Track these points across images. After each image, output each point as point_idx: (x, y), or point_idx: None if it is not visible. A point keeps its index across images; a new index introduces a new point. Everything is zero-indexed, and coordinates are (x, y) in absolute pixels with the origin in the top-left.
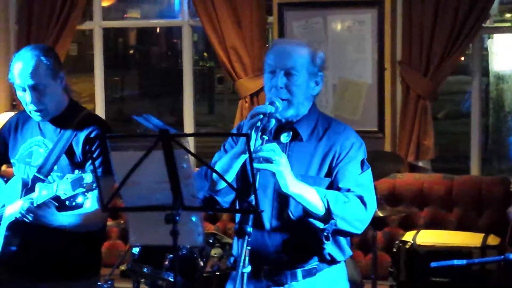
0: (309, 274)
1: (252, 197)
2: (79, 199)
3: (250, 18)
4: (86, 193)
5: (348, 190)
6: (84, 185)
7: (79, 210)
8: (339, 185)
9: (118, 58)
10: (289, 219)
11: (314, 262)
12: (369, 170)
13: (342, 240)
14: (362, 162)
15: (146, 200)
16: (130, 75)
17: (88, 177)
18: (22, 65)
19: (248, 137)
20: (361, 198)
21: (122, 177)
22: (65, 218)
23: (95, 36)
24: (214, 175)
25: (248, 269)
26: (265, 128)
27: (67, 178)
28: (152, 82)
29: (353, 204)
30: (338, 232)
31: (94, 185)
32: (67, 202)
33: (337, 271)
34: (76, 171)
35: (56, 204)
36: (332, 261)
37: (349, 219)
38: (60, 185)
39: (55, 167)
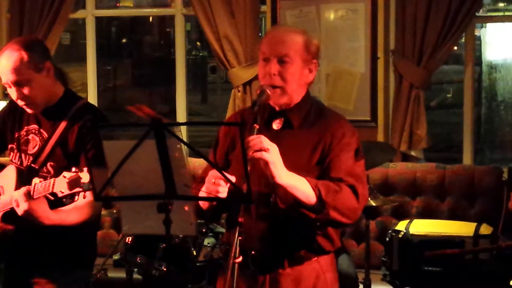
0: (296, 262)
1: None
2: (76, 198)
3: (243, 7)
4: (83, 193)
5: (340, 180)
6: (82, 184)
7: (72, 205)
8: (331, 175)
9: (111, 47)
10: (276, 207)
11: (301, 251)
12: (362, 160)
13: (331, 230)
14: (355, 152)
15: (138, 189)
16: (122, 64)
17: (85, 177)
18: (3, 62)
19: (241, 126)
20: (352, 188)
21: (114, 167)
22: (58, 216)
23: (88, 25)
24: None
25: (239, 259)
26: (256, 116)
27: (64, 177)
28: (145, 71)
29: (345, 194)
30: (330, 222)
31: (91, 185)
32: (63, 200)
33: (325, 261)
34: (74, 169)
35: (51, 199)
36: (320, 251)
37: (341, 209)
38: (57, 183)
39: (50, 158)
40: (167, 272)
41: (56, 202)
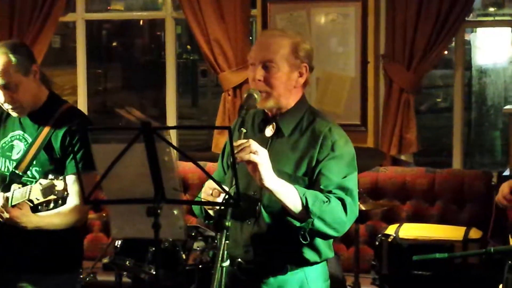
0: (279, 272)
1: (233, 189)
2: (51, 205)
3: (233, 11)
4: (58, 200)
5: (329, 192)
6: (56, 192)
7: (57, 209)
8: (320, 186)
9: (101, 51)
10: (262, 215)
11: (283, 261)
12: (354, 173)
13: (319, 241)
14: (348, 164)
15: (128, 193)
16: (113, 67)
17: (60, 184)
18: None
19: (230, 130)
20: (342, 201)
21: (103, 170)
22: (41, 220)
23: (78, 28)
24: None
25: (227, 263)
26: (244, 120)
27: (40, 184)
28: (135, 74)
29: (333, 206)
30: (315, 233)
31: (66, 192)
32: (39, 207)
33: (312, 272)
34: (50, 176)
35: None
36: (305, 263)
37: (327, 220)
38: (33, 190)
39: (34, 162)
40: (156, 275)
41: (36, 207)
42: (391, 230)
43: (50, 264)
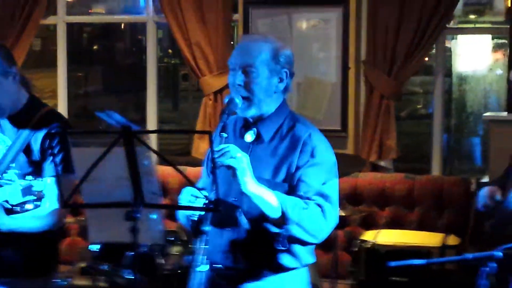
0: (257, 277)
1: (213, 194)
2: (29, 206)
3: (215, 15)
4: (36, 201)
5: (309, 198)
6: (35, 193)
7: (32, 212)
8: (300, 193)
9: (82, 54)
10: (240, 221)
11: (262, 267)
12: (334, 180)
13: (299, 247)
14: (327, 170)
15: (106, 197)
16: (94, 71)
17: (38, 185)
18: None
19: (210, 134)
20: (321, 208)
21: (83, 174)
22: (15, 222)
23: (59, 31)
24: None
25: (205, 267)
26: (225, 125)
27: (19, 185)
28: (116, 78)
29: (312, 213)
30: (294, 240)
31: (44, 193)
32: (18, 208)
33: (291, 278)
34: (29, 177)
35: (7, 207)
36: (282, 269)
37: (306, 227)
38: (12, 190)
39: (13, 165)
40: (134, 280)
41: (10, 209)
42: (369, 236)
43: (25, 268)
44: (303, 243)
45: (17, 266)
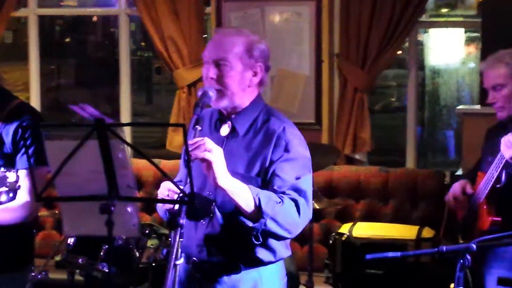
0: (233, 271)
1: (187, 188)
2: (2, 198)
3: (187, 8)
4: (9, 192)
5: (283, 193)
6: (7, 184)
7: (5, 204)
8: (274, 187)
9: (54, 47)
10: (215, 215)
11: (237, 260)
12: (309, 175)
13: (274, 241)
14: (301, 165)
15: (81, 190)
16: (66, 64)
17: (12, 176)
18: None
19: (184, 127)
20: (295, 202)
21: (56, 167)
22: None
23: (30, 23)
24: None
25: (181, 261)
26: (199, 118)
27: None
28: (89, 71)
29: (286, 207)
30: (268, 234)
31: (18, 184)
32: None
33: (266, 271)
34: (2, 169)
35: None
36: (258, 263)
37: (280, 221)
38: None
39: None
40: (109, 273)
41: None
42: (344, 229)
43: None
44: (277, 237)
45: None
